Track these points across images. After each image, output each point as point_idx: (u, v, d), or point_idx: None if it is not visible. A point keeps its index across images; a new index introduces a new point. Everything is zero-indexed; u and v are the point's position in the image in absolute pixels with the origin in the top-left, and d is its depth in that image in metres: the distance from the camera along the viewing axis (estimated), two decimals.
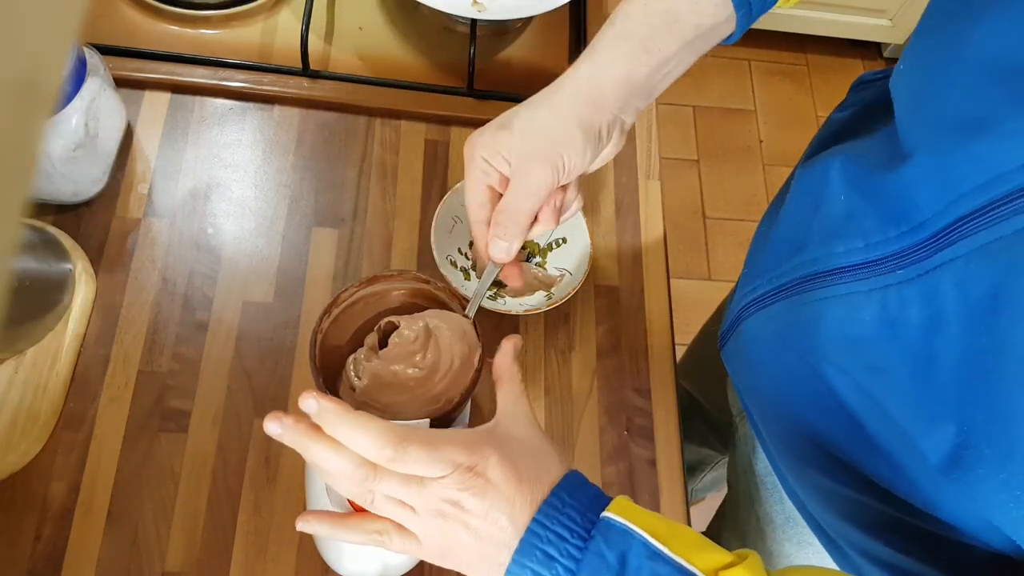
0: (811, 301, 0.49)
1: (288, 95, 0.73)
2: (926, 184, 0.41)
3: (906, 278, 0.42)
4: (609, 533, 0.40)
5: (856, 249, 0.45)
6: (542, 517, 0.41)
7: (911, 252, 0.41)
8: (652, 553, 0.40)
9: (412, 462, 0.41)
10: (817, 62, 2.07)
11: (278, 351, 0.64)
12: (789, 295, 0.52)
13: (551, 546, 0.40)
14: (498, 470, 0.42)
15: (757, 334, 0.57)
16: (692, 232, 1.83)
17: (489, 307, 0.63)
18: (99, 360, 0.62)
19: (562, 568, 0.40)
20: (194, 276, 0.66)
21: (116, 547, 0.57)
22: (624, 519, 0.41)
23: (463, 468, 0.41)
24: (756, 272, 0.57)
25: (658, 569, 0.39)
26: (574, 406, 0.66)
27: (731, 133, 1.96)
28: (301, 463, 0.60)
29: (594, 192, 0.75)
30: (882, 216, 0.44)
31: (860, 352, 0.45)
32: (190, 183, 0.69)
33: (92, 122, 0.62)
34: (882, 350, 0.43)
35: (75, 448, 0.59)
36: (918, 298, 0.41)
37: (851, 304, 0.45)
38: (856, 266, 0.45)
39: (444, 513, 0.42)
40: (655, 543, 0.40)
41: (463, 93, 0.76)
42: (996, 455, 0.38)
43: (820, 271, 0.48)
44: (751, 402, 0.63)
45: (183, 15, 0.74)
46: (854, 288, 0.45)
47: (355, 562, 0.53)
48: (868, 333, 0.44)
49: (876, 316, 0.43)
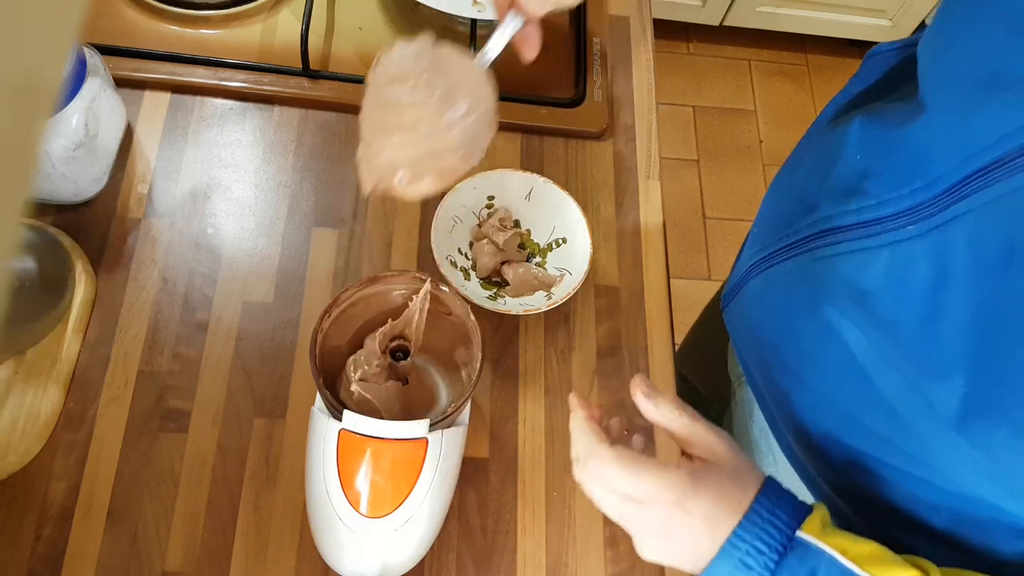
0: (821, 258, 0.50)
1: (288, 95, 0.73)
2: (943, 139, 0.42)
3: (916, 234, 0.43)
4: (801, 550, 0.43)
5: (868, 207, 0.46)
6: (742, 531, 0.44)
7: (923, 208, 0.43)
8: (842, 570, 0.42)
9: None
10: (817, 62, 2.07)
11: (278, 351, 0.64)
12: (799, 252, 0.53)
13: (750, 557, 0.43)
14: (701, 504, 0.45)
15: (765, 291, 0.58)
16: (692, 232, 1.83)
17: (489, 307, 0.63)
18: (99, 360, 0.62)
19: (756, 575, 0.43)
20: (194, 276, 0.66)
21: (116, 547, 0.57)
22: (816, 539, 0.43)
23: (670, 503, 0.45)
24: (766, 231, 0.58)
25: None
26: None
27: (731, 133, 1.96)
28: (301, 463, 0.60)
29: (594, 192, 0.75)
30: (896, 174, 0.45)
31: (868, 306, 0.46)
32: (190, 183, 0.69)
33: (92, 122, 0.62)
34: (890, 304, 0.45)
35: (75, 448, 0.59)
36: (927, 253, 0.42)
37: (860, 260, 0.47)
38: (867, 223, 0.46)
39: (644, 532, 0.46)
40: (844, 560, 0.42)
41: None
42: (1006, 405, 0.38)
43: (831, 228, 0.49)
44: (753, 362, 0.63)
45: (183, 15, 0.74)
46: (864, 244, 0.46)
47: (355, 562, 0.53)
48: (876, 287, 0.45)
49: (884, 271, 0.45)
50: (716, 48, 2.06)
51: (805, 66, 2.07)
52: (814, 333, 0.51)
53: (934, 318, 0.42)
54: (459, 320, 0.58)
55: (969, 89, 0.41)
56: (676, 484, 0.45)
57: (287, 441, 0.61)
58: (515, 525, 0.61)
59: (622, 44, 0.83)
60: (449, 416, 0.53)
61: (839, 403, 0.52)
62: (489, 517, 0.62)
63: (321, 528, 0.53)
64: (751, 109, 2.00)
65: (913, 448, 0.47)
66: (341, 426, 0.50)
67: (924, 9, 1.83)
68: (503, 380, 0.66)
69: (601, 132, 0.77)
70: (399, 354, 0.60)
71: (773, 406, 0.62)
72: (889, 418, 0.47)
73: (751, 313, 0.60)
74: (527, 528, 0.61)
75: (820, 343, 0.51)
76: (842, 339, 0.49)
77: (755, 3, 1.86)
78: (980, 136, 0.39)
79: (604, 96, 0.78)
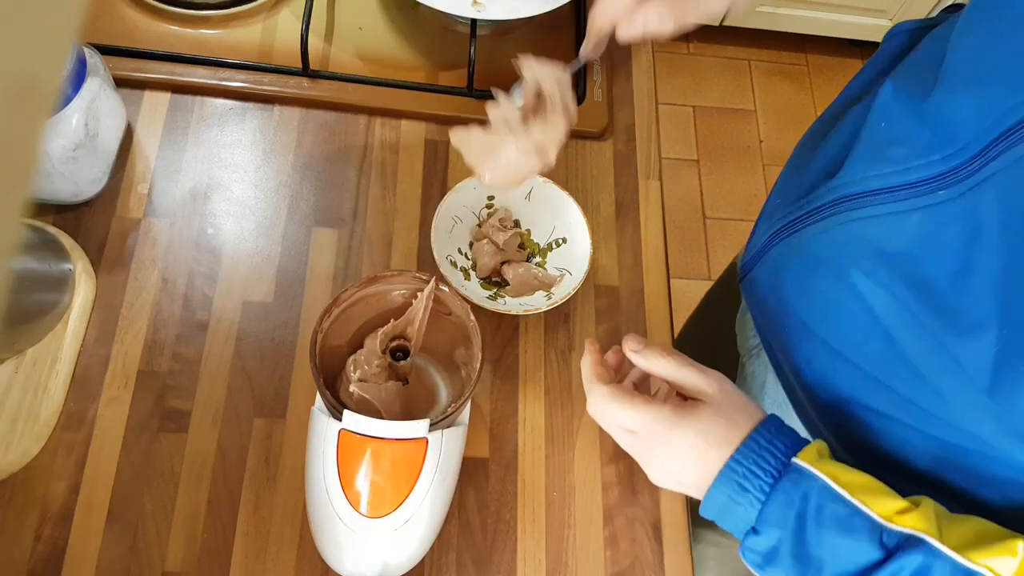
0: (844, 222, 0.51)
1: (288, 95, 0.73)
2: (973, 106, 0.43)
3: (948, 198, 0.44)
4: (795, 475, 0.47)
5: (894, 172, 0.48)
6: (740, 456, 0.48)
7: (955, 172, 0.44)
8: (833, 495, 0.45)
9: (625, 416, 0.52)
10: (817, 62, 2.07)
11: (278, 351, 0.64)
12: (822, 217, 0.54)
13: (746, 480, 0.47)
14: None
15: (787, 260, 0.59)
16: (692, 232, 1.83)
17: (489, 307, 0.63)
18: (99, 360, 0.62)
19: (753, 497, 0.47)
20: (194, 276, 0.66)
21: (116, 547, 0.57)
22: (810, 465, 0.47)
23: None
24: (787, 200, 0.60)
25: (837, 510, 0.45)
26: (574, 406, 0.66)
27: (731, 133, 1.96)
28: (301, 463, 0.60)
29: (594, 192, 0.75)
30: (926, 140, 0.46)
31: (896, 267, 0.48)
32: (190, 183, 0.69)
33: (92, 122, 0.62)
34: (920, 264, 0.46)
35: (75, 448, 0.59)
36: (959, 215, 0.43)
37: (888, 223, 0.48)
38: (893, 188, 0.48)
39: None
40: (835, 486, 0.46)
41: (463, 93, 0.76)
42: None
43: (856, 193, 0.51)
44: (773, 330, 0.64)
45: (183, 15, 0.74)
46: (892, 208, 0.48)
47: (355, 562, 0.53)
48: (905, 249, 0.47)
49: (914, 234, 0.46)
50: (716, 48, 2.06)
51: (805, 66, 2.07)
52: (838, 296, 0.52)
53: (966, 274, 0.43)
54: (459, 320, 0.58)
55: (1004, 58, 0.43)
56: (661, 416, 0.50)
57: (287, 441, 0.61)
58: (515, 525, 0.62)
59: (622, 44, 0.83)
60: (449, 416, 0.53)
61: (862, 365, 0.52)
62: (489, 517, 0.62)
63: (321, 528, 0.53)
64: (751, 109, 2.00)
65: (937, 408, 0.48)
66: (341, 426, 0.50)
67: (924, 9, 1.83)
68: (503, 380, 0.66)
69: (601, 132, 0.77)
70: (399, 354, 0.60)
71: (791, 373, 0.62)
72: (914, 378, 0.48)
73: (773, 281, 0.61)
74: (527, 528, 0.62)
75: (844, 306, 0.52)
76: (867, 301, 0.50)
77: (755, 3, 1.86)
78: (1007, 98, 0.41)
79: (604, 96, 0.78)
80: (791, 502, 0.46)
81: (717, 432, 0.49)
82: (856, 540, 0.44)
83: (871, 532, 0.44)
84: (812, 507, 0.45)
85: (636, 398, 0.51)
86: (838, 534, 0.45)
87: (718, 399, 0.50)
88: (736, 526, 0.49)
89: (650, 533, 0.63)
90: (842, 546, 0.45)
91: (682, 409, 0.50)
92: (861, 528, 0.44)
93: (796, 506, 0.46)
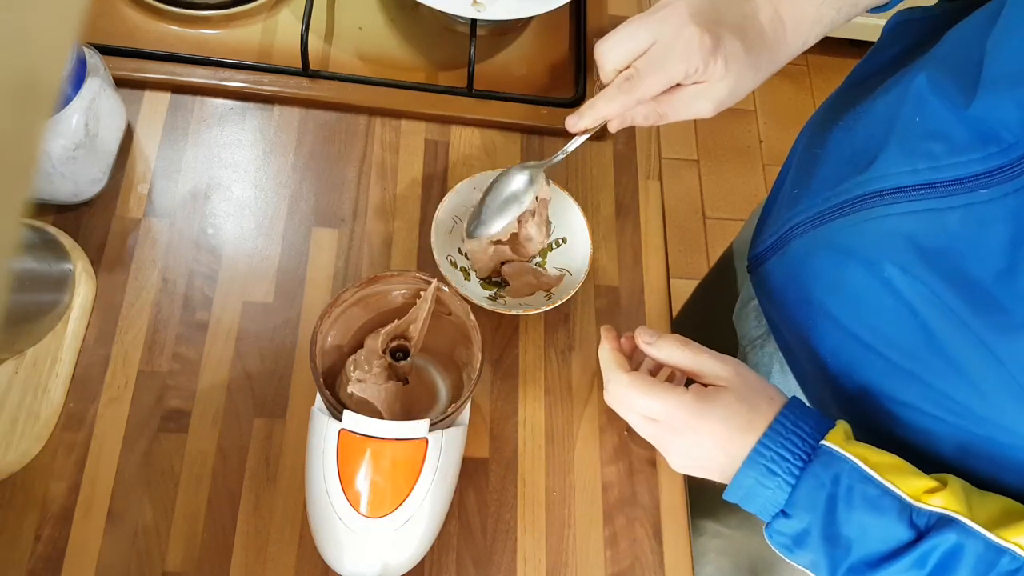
0: (879, 216, 0.51)
1: (288, 95, 0.73)
2: (1019, 107, 0.43)
3: (991, 197, 0.44)
4: (825, 458, 0.47)
5: (929, 168, 0.47)
6: (767, 441, 0.48)
7: (998, 172, 0.44)
8: (863, 476, 0.46)
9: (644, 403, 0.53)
10: (817, 62, 2.07)
11: (278, 351, 0.64)
12: (853, 211, 0.53)
13: (775, 464, 0.48)
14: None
15: (812, 251, 0.58)
16: (692, 232, 1.83)
17: (489, 307, 0.63)
18: (99, 360, 0.62)
19: (783, 480, 0.48)
20: (194, 276, 0.66)
21: (116, 547, 0.57)
22: (839, 447, 0.47)
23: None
24: (809, 192, 0.59)
25: (867, 491, 0.46)
26: (574, 406, 0.66)
27: (731, 133, 1.96)
28: (301, 463, 0.60)
29: (594, 192, 0.75)
30: (964, 139, 0.46)
31: (935, 263, 0.47)
32: (190, 183, 0.69)
33: (92, 122, 0.62)
34: (962, 262, 0.45)
35: (75, 448, 0.59)
36: (1004, 214, 0.43)
37: (925, 220, 0.47)
38: (930, 184, 0.47)
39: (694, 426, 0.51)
40: (865, 468, 0.46)
41: (463, 93, 0.76)
42: None
43: (889, 188, 0.50)
44: (790, 321, 0.63)
45: (183, 15, 0.74)
46: (929, 205, 0.47)
47: (355, 562, 0.53)
48: (945, 246, 0.46)
49: (955, 231, 0.46)
50: None
51: (805, 66, 2.07)
52: (871, 290, 0.52)
53: (1011, 273, 0.43)
54: (459, 320, 0.58)
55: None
56: (684, 404, 0.50)
57: (287, 441, 0.61)
58: (515, 525, 0.62)
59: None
60: (449, 416, 0.53)
61: (895, 358, 0.52)
62: (489, 517, 0.62)
63: (321, 528, 0.53)
64: (751, 109, 2.00)
65: (973, 402, 0.48)
66: (341, 426, 0.50)
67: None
68: (503, 380, 0.66)
69: (601, 132, 0.77)
70: (399, 354, 0.60)
71: (809, 365, 0.62)
72: (951, 372, 0.48)
73: (794, 272, 0.61)
74: (527, 528, 0.61)
75: (877, 300, 0.52)
76: (903, 295, 0.50)
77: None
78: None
79: None
80: (822, 484, 0.46)
81: (740, 417, 0.50)
82: (888, 520, 0.45)
83: (900, 512, 0.45)
84: (843, 488, 0.46)
85: (658, 386, 0.52)
86: (870, 514, 0.45)
87: (737, 384, 0.51)
88: (764, 509, 0.49)
89: (650, 533, 0.63)
90: (873, 526, 0.45)
91: (704, 395, 0.51)
92: (891, 508, 0.45)
93: (827, 488, 0.46)
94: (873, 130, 0.55)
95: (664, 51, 0.53)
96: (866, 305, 0.53)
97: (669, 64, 0.53)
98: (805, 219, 0.59)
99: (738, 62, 0.54)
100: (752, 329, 0.75)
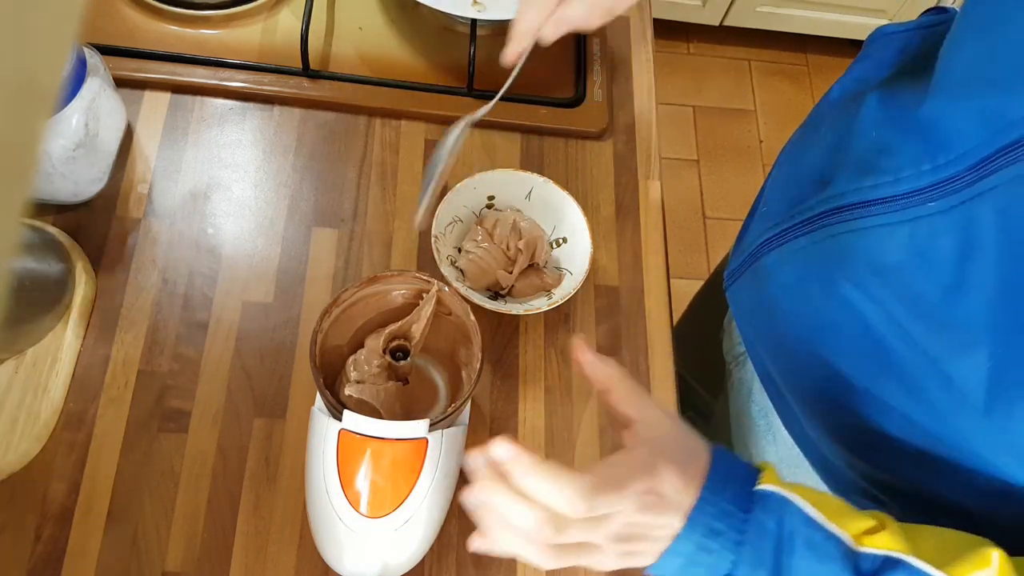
0: (838, 234, 0.50)
1: (288, 95, 0.73)
2: (969, 117, 0.42)
3: (938, 210, 0.43)
4: (767, 502, 0.43)
5: (885, 183, 0.47)
6: (708, 494, 0.43)
7: (946, 184, 0.43)
8: (806, 520, 0.42)
9: (602, 508, 0.42)
10: (817, 62, 2.07)
11: (278, 351, 0.64)
12: (813, 229, 0.53)
13: (719, 521, 0.42)
14: (671, 483, 0.43)
15: (777, 269, 0.58)
16: (692, 232, 1.83)
17: (489, 307, 0.63)
18: (99, 360, 0.62)
19: (729, 540, 0.42)
20: (194, 276, 0.66)
21: (116, 547, 0.57)
22: (779, 489, 0.43)
23: (643, 493, 0.42)
24: (776, 209, 0.59)
25: (812, 535, 0.41)
26: (574, 406, 0.66)
27: (731, 133, 1.96)
28: (301, 463, 0.60)
29: (594, 192, 0.75)
30: (916, 151, 0.45)
31: (889, 281, 0.47)
32: (190, 183, 0.69)
33: (92, 122, 0.62)
34: (912, 278, 0.45)
35: (75, 448, 0.59)
36: (951, 228, 0.42)
37: (879, 235, 0.47)
38: (884, 199, 0.47)
39: (628, 536, 0.43)
40: (809, 510, 0.42)
41: (463, 93, 0.76)
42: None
43: (847, 204, 0.50)
44: (761, 339, 0.63)
45: (183, 15, 0.74)
46: (883, 220, 0.47)
47: (355, 562, 0.53)
48: (897, 262, 0.46)
49: (905, 246, 0.45)
50: (716, 48, 2.06)
51: (805, 66, 2.07)
52: (831, 308, 0.51)
53: (959, 290, 0.42)
54: (459, 320, 0.58)
55: (1003, 71, 0.41)
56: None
57: (287, 441, 0.61)
58: None
59: (622, 44, 0.83)
60: (449, 416, 0.53)
61: (856, 378, 0.51)
62: None
63: (321, 528, 0.53)
64: (751, 109, 2.00)
65: (932, 423, 0.47)
66: (341, 426, 0.50)
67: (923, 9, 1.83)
68: (503, 380, 0.66)
69: (601, 132, 0.77)
70: (399, 354, 0.60)
71: (781, 382, 0.62)
72: (908, 393, 0.47)
73: (763, 289, 0.60)
74: None
75: (837, 318, 0.51)
76: (860, 314, 0.49)
77: (755, 3, 1.86)
78: (1007, 111, 0.40)
79: (604, 96, 0.78)
80: (767, 532, 0.42)
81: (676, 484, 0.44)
82: (832, 568, 0.41)
83: (845, 558, 0.41)
84: (786, 533, 0.42)
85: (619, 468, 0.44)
86: (816, 562, 0.41)
87: (658, 441, 0.45)
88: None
89: None
90: (816, 574, 0.41)
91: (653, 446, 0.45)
92: (835, 554, 0.41)
93: (773, 535, 0.42)
94: (833, 146, 0.55)
95: None
96: (827, 324, 0.53)
97: None
98: (773, 236, 0.58)
99: None
100: (736, 345, 0.75)
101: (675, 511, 0.42)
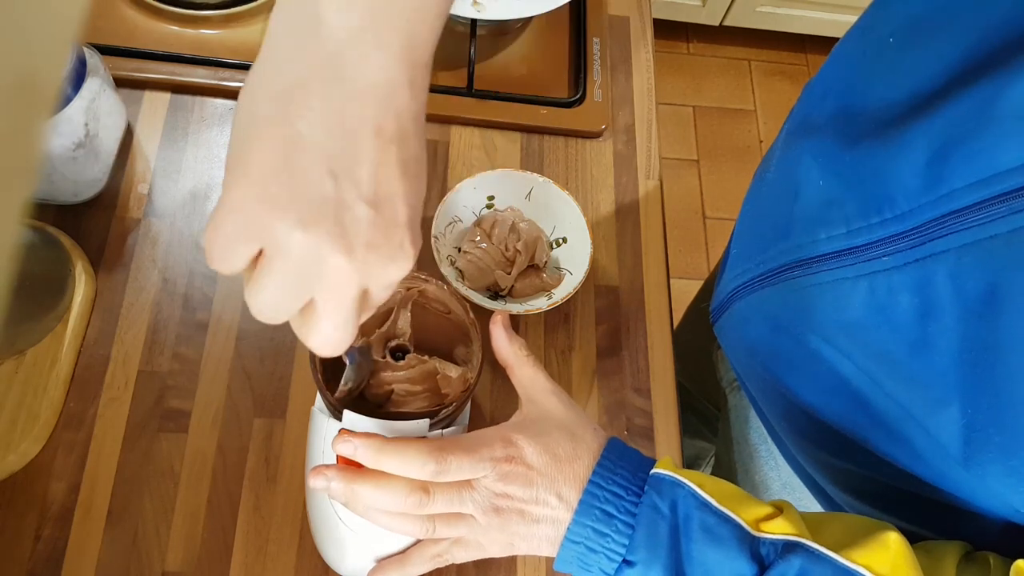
0: (799, 288, 0.48)
1: None
2: (913, 175, 0.40)
3: (893, 264, 0.41)
4: (660, 485, 0.43)
5: (839, 236, 0.45)
6: (598, 479, 0.43)
7: (897, 239, 0.41)
8: (700, 503, 0.42)
9: (455, 469, 0.43)
10: (817, 62, 2.07)
11: (278, 351, 0.64)
12: (777, 281, 0.51)
13: (609, 504, 0.42)
14: (534, 456, 0.44)
15: (750, 316, 0.56)
16: (692, 232, 1.83)
17: (490, 307, 0.63)
18: (99, 360, 0.62)
19: (621, 523, 0.42)
20: (194, 276, 0.66)
21: (116, 547, 0.57)
22: (672, 473, 0.43)
23: (502, 461, 0.44)
24: (744, 255, 0.57)
25: (706, 519, 0.41)
26: None
27: (731, 133, 1.96)
28: (301, 463, 0.60)
29: (594, 192, 0.75)
30: (862, 202, 0.43)
31: (855, 336, 0.45)
32: (190, 183, 0.69)
33: (92, 122, 0.62)
34: (877, 334, 0.43)
35: (75, 448, 0.59)
36: (909, 285, 0.40)
37: (840, 290, 0.45)
38: (840, 252, 0.45)
39: (499, 508, 0.44)
40: (702, 494, 0.42)
41: (463, 93, 0.76)
42: (1005, 442, 0.37)
43: (805, 257, 0.48)
44: (747, 374, 0.62)
45: (183, 15, 0.74)
46: (841, 275, 0.45)
47: (355, 561, 0.53)
48: (860, 318, 0.44)
49: (865, 302, 0.43)
50: (716, 48, 2.06)
51: (805, 66, 2.07)
52: (804, 358, 0.50)
53: (925, 348, 0.40)
54: (459, 319, 0.58)
55: (941, 130, 0.38)
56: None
57: (287, 441, 0.61)
58: None
59: (622, 44, 0.83)
60: (449, 416, 0.53)
61: (841, 424, 0.50)
62: None
63: (321, 528, 0.53)
64: (751, 109, 2.00)
65: (915, 466, 0.46)
66: (341, 426, 0.50)
67: None
68: (503, 380, 0.66)
69: (601, 132, 0.77)
70: (399, 354, 0.60)
71: (770, 416, 0.61)
72: (894, 442, 0.46)
73: (740, 332, 0.59)
74: None
75: (811, 368, 0.50)
76: (834, 366, 0.47)
77: (755, 3, 1.86)
78: (953, 178, 0.37)
79: (604, 96, 0.78)
80: (661, 515, 0.42)
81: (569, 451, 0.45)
82: (728, 553, 0.41)
83: (741, 543, 0.41)
84: (681, 517, 0.42)
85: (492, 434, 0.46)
86: (711, 547, 0.41)
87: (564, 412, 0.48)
88: (602, 567, 0.43)
89: None
90: (715, 562, 0.41)
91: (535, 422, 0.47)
92: (731, 538, 0.41)
93: (667, 519, 0.42)
94: (787, 193, 0.51)
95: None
96: (802, 372, 0.51)
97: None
98: (742, 284, 0.57)
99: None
100: (729, 371, 0.74)
101: (548, 487, 0.43)
